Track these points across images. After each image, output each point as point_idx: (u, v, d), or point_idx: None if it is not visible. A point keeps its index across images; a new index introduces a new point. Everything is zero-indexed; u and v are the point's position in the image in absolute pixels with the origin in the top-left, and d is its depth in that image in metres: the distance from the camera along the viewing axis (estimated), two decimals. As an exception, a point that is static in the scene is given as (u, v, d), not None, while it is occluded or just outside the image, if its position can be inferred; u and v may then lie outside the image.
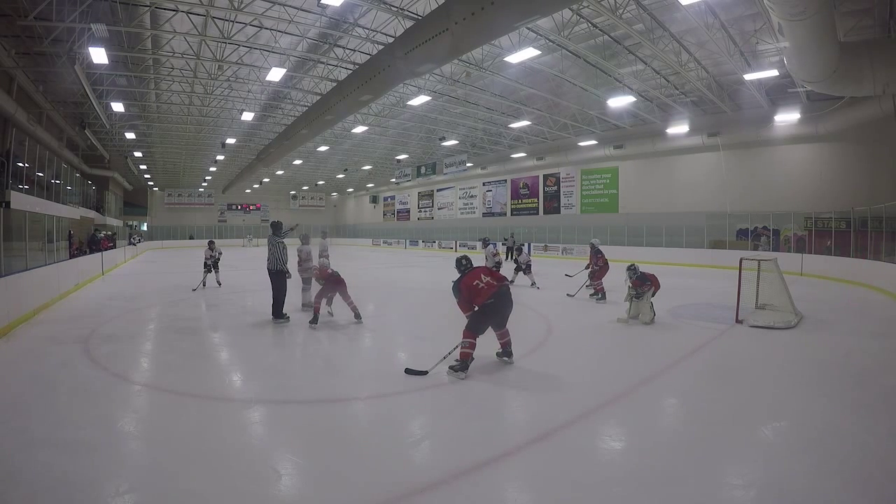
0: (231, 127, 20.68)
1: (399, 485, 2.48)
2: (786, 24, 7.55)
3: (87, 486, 2.46)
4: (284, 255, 6.76)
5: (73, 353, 5.07)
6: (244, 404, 3.70)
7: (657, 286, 6.87)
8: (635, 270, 6.94)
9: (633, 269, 6.97)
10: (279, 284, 6.73)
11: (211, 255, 10.92)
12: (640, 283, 6.81)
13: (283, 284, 6.76)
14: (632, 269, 6.99)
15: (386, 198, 40.92)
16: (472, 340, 4.31)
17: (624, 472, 2.67)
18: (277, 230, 6.92)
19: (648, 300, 6.73)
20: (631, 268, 7.01)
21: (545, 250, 23.22)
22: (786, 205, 15.54)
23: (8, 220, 7.77)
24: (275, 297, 6.73)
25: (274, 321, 6.64)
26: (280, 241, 6.82)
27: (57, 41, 10.45)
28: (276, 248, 6.74)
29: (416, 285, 12.26)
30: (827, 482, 2.52)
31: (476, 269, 4.71)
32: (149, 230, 38.12)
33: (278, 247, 6.74)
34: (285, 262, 6.76)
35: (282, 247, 6.76)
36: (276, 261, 6.69)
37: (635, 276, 6.88)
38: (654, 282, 6.84)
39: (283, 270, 6.72)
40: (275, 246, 6.75)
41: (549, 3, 6.73)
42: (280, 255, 6.70)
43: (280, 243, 6.79)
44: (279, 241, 6.81)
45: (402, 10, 10.21)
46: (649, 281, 6.81)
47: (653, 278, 6.86)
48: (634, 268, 6.99)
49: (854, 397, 3.85)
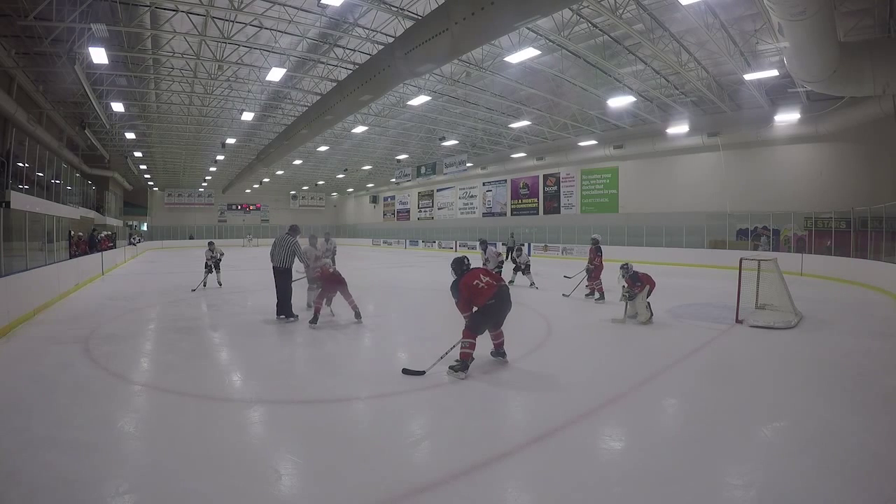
0: (231, 127, 20.67)
1: (399, 485, 2.48)
2: (786, 24, 7.55)
3: (87, 486, 2.46)
4: (296, 255, 6.84)
5: (73, 353, 5.07)
6: (244, 404, 3.70)
7: (652, 285, 6.82)
8: (628, 269, 6.88)
9: (626, 268, 6.90)
10: (285, 283, 6.77)
11: (212, 256, 10.91)
12: (631, 282, 6.74)
13: (288, 283, 6.80)
14: (625, 267, 6.93)
15: (386, 198, 40.92)
16: (472, 341, 4.32)
17: (624, 472, 2.67)
18: (294, 232, 7.05)
19: (644, 301, 6.68)
20: (624, 266, 6.96)
21: (545, 250, 23.23)
22: (786, 205, 15.54)
23: (8, 220, 7.77)
24: (280, 296, 6.76)
25: (283, 320, 6.68)
26: (295, 241, 6.92)
27: (57, 41, 10.44)
28: (288, 247, 6.79)
29: (417, 285, 12.26)
30: (827, 482, 2.52)
31: (475, 269, 4.71)
32: (149, 230, 38.14)
33: (293, 247, 6.82)
34: (292, 262, 6.83)
35: (296, 247, 6.85)
36: (284, 259, 6.74)
37: (627, 274, 6.82)
38: (646, 281, 6.77)
39: (290, 269, 6.78)
40: (288, 245, 6.80)
41: (549, 3, 6.73)
42: (288, 255, 6.76)
43: (295, 243, 6.88)
44: (294, 241, 6.90)
45: (402, 10, 10.20)
46: (640, 282, 6.73)
47: (645, 278, 6.79)
48: (627, 266, 6.93)
49: (854, 397, 3.85)
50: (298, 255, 6.88)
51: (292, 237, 6.94)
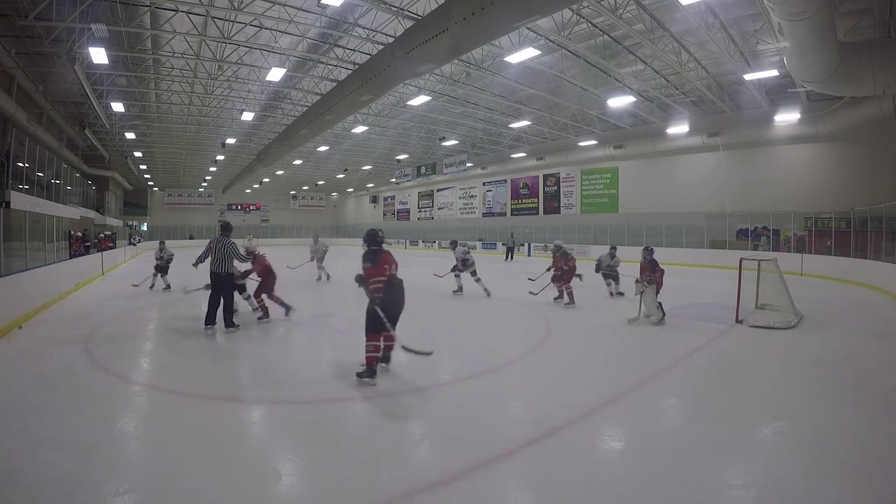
0: (231, 127, 20.67)
1: (399, 485, 2.48)
2: (786, 25, 7.55)
3: (87, 486, 2.46)
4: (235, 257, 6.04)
5: (73, 353, 5.07)
6: (244, 404, 3.70)
7: (660, 284, 6.76)
8: (650, 252, 6.75)
9: (648, 251, 6.76)
10: (229, 290, 6.09)
11: (160, 257, 10.31)
12: (650, 267, 6.62)
13: (231, 289, 6.17)
14: (648, 250, 6.79)
15: (386, 198, 40.91)
16: (375, 343, 4.08)
17: (624, 472, 2.67)
18: (229, 231, 6.21)
19: (655, 300, 6.62)
20: (647, 249, 6.84)
21: (545, 250, 23.22)
22: (786, 205, 15.54)
23: (8, 220, 7.77)
24: (225, 303, 6.00)
25: (226, 331, 5.98)
26: (232, 242, 6.08)
27: (57, 41, 10.45)
28: (227, 250, 5.97)
29: (417, 285, 12.22)
30: (827, 482, 2.52)
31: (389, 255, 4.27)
32: (149, 230, 38.10)
33: (231, 249, 6.00)
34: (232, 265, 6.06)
35: (234, 249, 6.04)
36: (225, 263, 5.93)
37: (647, 259, 6.70)
38: (659, 277, 6.69)
39: (232, 274, 6.08)
40: (227, 248, 5.98)
41: (549, 3, 6.73)
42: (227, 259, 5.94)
43: (233, 244, 6.04)
44: (231, 242, 6.07)
45: (402, 10, 10.20)
46: (659, 271, 6.63)
47: (661, 272, 6.72)
48: (650, 249, 6.82)
49: (854, 397, 3.85)
50: (237, 257, 6.06)
51: (228, 238, 6.10)
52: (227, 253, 5.95)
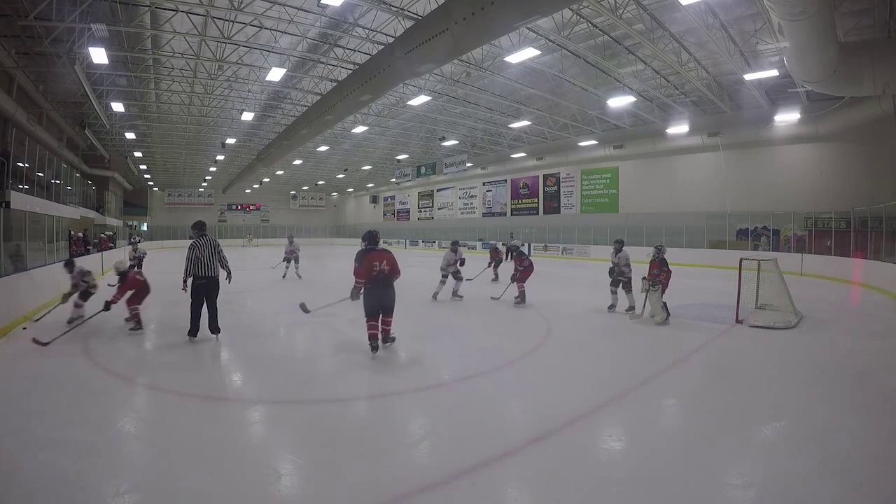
0: (231, 127, 20.66)
1: (399, 485, 2.48)
2: (786, 25, 7.55)
3: (87, 486, 2.46)
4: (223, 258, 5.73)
5: (73, 353, 5.07)
6: (244, 404, 3.70)
7: (666, 285, 6.73)
8: (661, 251, 6.72)
9: (659, 249, 6.73)
10: (216, 293, 5.70)
11: (134, 256, 9.91)
12: (658, 265, 6.60)
13: (217, 292, 5.73)
14: (659, 248, 6.76)
15: (386, 198, 40.91)
16: (372, 322, 4.95)
17: (624, 472, 2.67)
18: (203, 228, 5.81)
19: (660, 300, 6.61)
20: (658, 247, 6.80)
21: (545, 250, 23.24)
22: (786, 205, 15.53)
23: (8, 220, 7.76)
24: (214, 309, 5.68)
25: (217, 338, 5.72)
26: (217, 241, 5.75)
27: (57, 41, 10.44)
28: (216, 251, 5.63)
29: (416, 285, 12.24)
30: (827, 482, 2.52)
31: (381, 252, 5.14)
32: (149, 230, 38.13)
33: (219, 250, 5.70)
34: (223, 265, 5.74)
35: (221, 250, 5.76)
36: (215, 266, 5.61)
37: (657, 257, 6.66)
38: (666, 277, 6.68)
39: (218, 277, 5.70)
40: (214, 247, 5.62)
41: (549, 3, 6.73)
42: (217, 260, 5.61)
43: (218, 244, 5.73)
44: (216, 241, 5.74)
45: (402, 10, 10.20)
46: (666, 272, 6.60)
47: (668, 273, 6.71)
48: (662, 248, 6.78)
49: (854, 397, 3.85)
50: (223, 258, 5.70)
51: (208, 236, 5.72)
52: (219, 252, 5.67)
